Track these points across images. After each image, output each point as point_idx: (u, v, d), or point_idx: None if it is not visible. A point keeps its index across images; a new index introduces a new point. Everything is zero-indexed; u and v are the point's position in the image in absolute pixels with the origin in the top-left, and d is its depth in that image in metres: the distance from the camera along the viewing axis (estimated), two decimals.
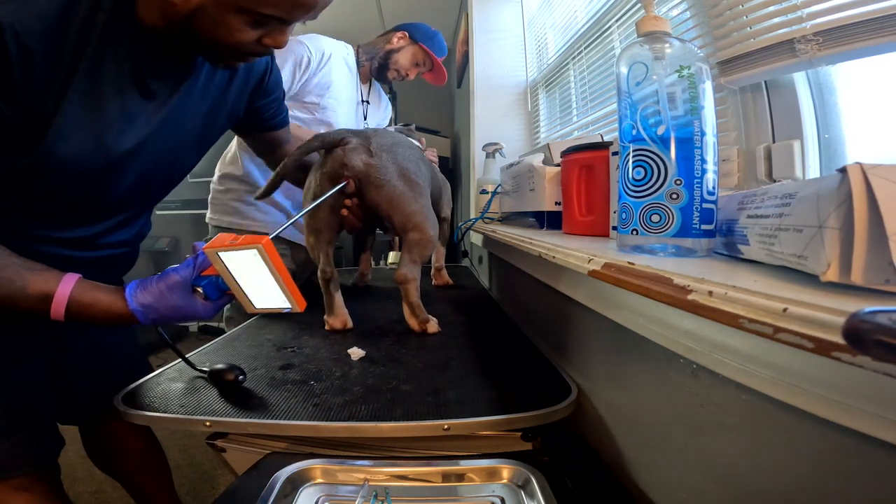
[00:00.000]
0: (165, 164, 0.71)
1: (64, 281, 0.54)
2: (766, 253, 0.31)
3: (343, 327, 0.81)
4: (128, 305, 0.55)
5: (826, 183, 0.25)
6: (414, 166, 0.79)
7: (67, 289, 0.54)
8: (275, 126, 0.89)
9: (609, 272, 0.41)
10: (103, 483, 1.46)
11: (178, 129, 0.69)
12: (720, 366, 0.35)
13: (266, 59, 0.82)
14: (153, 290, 0.56)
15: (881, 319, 0.17)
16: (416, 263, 0.78)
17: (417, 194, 0.78)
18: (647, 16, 0.44)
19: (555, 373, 0.61)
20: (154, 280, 0.57)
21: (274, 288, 0.56)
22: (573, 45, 1.28)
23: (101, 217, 0.70)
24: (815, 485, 0.28)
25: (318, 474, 0.48)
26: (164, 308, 0.56)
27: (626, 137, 0.44)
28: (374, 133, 0.79)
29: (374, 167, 0.74)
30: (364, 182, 0.75)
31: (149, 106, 0.63)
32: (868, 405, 0.24)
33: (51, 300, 0.53)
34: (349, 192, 0.75)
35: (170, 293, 0.56)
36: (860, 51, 0.43)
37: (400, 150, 0.79)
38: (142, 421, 0.51)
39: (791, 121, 0.53)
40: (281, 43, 0.60)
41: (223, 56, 0.62)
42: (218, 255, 0.55)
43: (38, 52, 0.50)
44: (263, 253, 0.53)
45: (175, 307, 0.56)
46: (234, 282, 0.57)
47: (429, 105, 3.25)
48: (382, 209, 0.76)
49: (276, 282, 0.56)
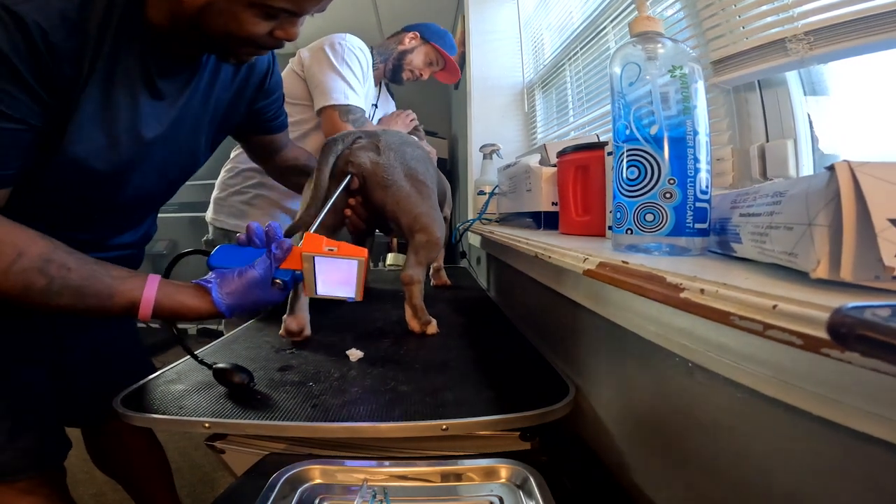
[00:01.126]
0: (174, 164, 0.72)
1: (147, 287, 0.55)
2: (758, 251, 0.32)
3: (300, 330, 0.74)
4: (215, 305, 0.57)
5: (815, 181, 0.25)
6: (422, 167, 0.79)
7: (152, 295, 0.55)
8: (275, 129, 0.90)
9: (604, 271, 0.41)
10: (103, 485, 1.46)
11: (186, 130, 0.70)
12: (715, 364, 0.35)
13: (268, 60, 0.82)
14: (237, 289, 0.58)
15: (864, 315, 0.17)
16: (422, 265, 0.77)
17: (425, 196, 0.77)
18: (640, 16, 0.44)
19: (553, 372, 0.61)
20: (235, 277, 0.58)
21: (349, 284, 0.61)
22: (569, 45, 1.29)
23: (109, 218, 0.70)
24: (810, 482, 0.29)
25: (316, 475, 0.49)
26: (247, 303, 0.59)
27: (620, 137, 0.44)
28: (384, 132, 0.79)
29: (380, 166, 0.74)
30: (370, 181, 0.74)
31: (158, 106, 0.63)
32: (860, 402, 0.24)
33: (138, 308, 0.54)
34: (353, 189, 0.74)
35: (253, 289, 0.58)
36: (850, 50, 0.44)
37: (409, 150, 0.78)
38: (141, 423, 0.51)
39: (784, 120, 0.53)
40: (292, 35, 0.61)
41: (234, 50, 0.62)
42: (313, 259, 0.59)
43: (64, 50, 0.51)
44: (363, 264, 0.60)
45: (257, 301, 0.59)
46: (311, 274, 0.61)
47: (426, 107, 3.24)
48: (388, 210, 0.75)
49: (355, 282, 0.61)
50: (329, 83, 1.16)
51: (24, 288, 0.50)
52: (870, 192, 0.22)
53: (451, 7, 2.49)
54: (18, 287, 0.49)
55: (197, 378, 0.61)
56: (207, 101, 0.72)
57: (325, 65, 1.18)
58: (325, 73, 1.17)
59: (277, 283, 0.60)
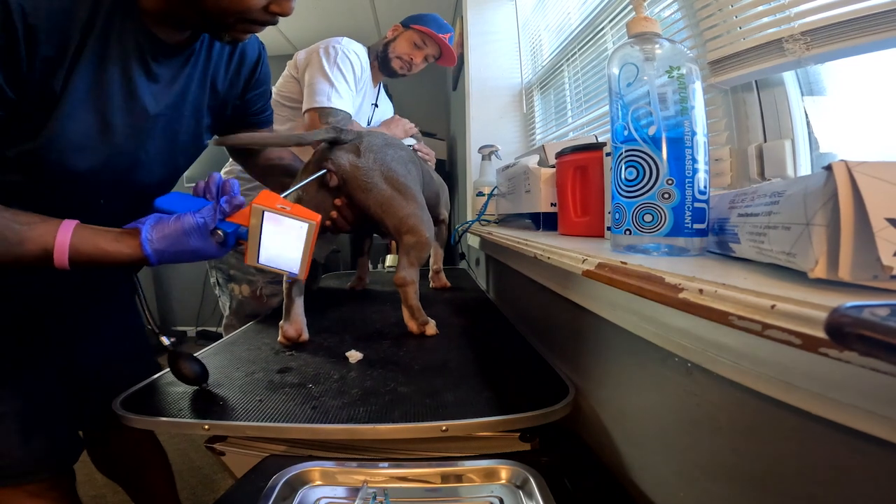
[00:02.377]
0: (182, 150, 0.71)
1: (61, 231, 0.52)
2: (757, 251, 0.32)
3: (297, 336, 0.75)
4: (141, 248, 0.54)
5: (812, 181, 0.26)
6: (402, 168, 0.79)
7: (66, 240, 0.52)
8: (262, 122, 0.89)
9: (602, 272, 0.41)
10: (103, 488, 1.45)
11: (188, 113, 0.70)
12: (714, 364, 0.35)
13: (258, 50, 0.82)
14: (171, 233, 0.56)
15: (863, 314, 0.17)
16: (413, 266, 0.77)
17: (408, 197, 0.77)
18: (638, 17, 0.44)
19: (552, 373, 0.61)
20: (171, 223, 0.56)
21: (293, 254, 0.59)
22: (567, 46, 1.29)
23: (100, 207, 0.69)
24: (809, 481, 0.29)
25: (316, 476, 0.49)
26: (180, 250, 0.56)
27: (619, 138, 0.44)
28: (368, 133, 0.79)
29: (360, 169, 0.74)
30: (350, 183, 0.74)
31: (153, 88, 0.63)
32: (858, 401, 0.24)
33: (52, 255, 0.51)
34: (332, 187, 0.74)
35: (188, 236, 0.56)
36: (847, 49, 0.44)
37: (390, 151, 0.79)
38: (140, 425, 0.51)
39: (781, 120, 0.53)
40: (287, 10, 0.61)
41: (230, 26, 0.61)
42: (263, 213, 0.57)
43: (45, 31, 0.50)
44: (313, 229, 0.58)
45: (191, 251, 0.57)
46: (257, 236, 0.58)
47: (425, 108, 3.26)
48: (373, 212, 0.75)
49: (301, 251, 0.59)
50: (316, 86, 1.21)
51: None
52: (867, 192, 0.22)
53: (450, 8, 2.50)
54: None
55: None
56: (204, 86, 0.72)
57: (315, 68, 1.23)
58: (314, 76, 1.22)
59: (217, 234, 0.57)
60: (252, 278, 1.23)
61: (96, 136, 0.58)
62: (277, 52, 3.32)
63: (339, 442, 0.52)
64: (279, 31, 2.89)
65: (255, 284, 1.24)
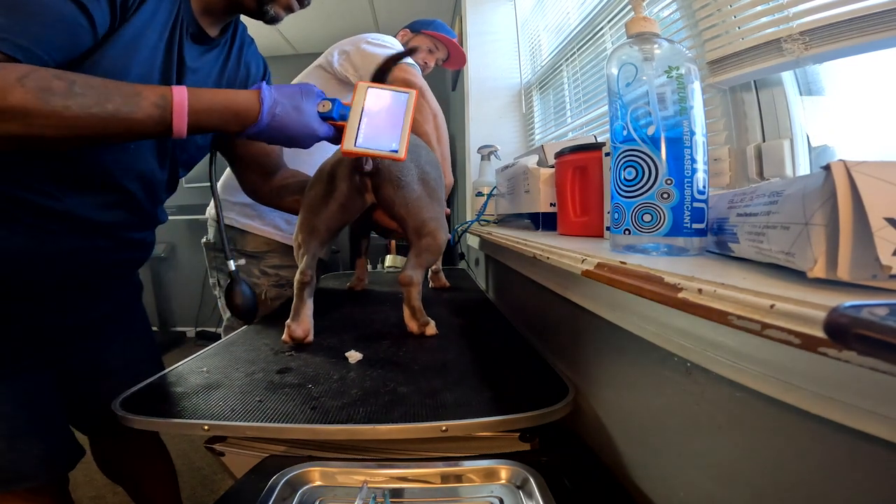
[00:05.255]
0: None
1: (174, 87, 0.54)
2: (756, 250, 0.32)
3: (304, 337, 0.74)
4: (259, 98, 0.58)
5: (811, 180, 0.26)
6: (434, 171, 0.78)
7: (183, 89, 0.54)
8: None
9: (602, 272, 0.41)
10: (103, 489, 1.45)
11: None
12: (713, 363, 0.35)
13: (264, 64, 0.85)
14: (286, 92, 0.60)
15: (861, 313, 0.17)
16: (421, 268, 0.77)
17: (435, 200, 0.76)
18: (637, 17, 0.44)
19: (552, 373, 0.61)
20: (288, 87, 0.61)
21: (394, 131, 0.61)
22: (566, 46, 1.29)
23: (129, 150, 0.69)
24: (809, 481, 0.29)
25: (316, 477, 0.49)
26: (289, 109, 0.60)
27: (618, 138, 0.44)
28: None
29: (397, 163, 0.72)
30: (383, 175, 0.72)
31: (182, 69, 0.66)
32: (858, 400, 0.24)
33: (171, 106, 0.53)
34: (366, 171, 0.72)
35: (301, 96, 0.60)
36: (846, 49, 0.44)
37: (423, 152, 0.78)
38: (140, 426, 0.51)
39: (780, 120, 0.53)
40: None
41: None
42: (367, 89, 0.60)
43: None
44: (413, 98, 0.61)
45: (301, 109, 0.60)
46: (358, 113, 0.61)
47: None
48: (397, 210, 0.74)
49: (402, 126, 0.61)
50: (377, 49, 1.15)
51: (42, 92, 0.46)
52: (866, 192, 0.22)
53: (449, 8, 2.50)
54: (35, 93, 0.46)
55: (196, 380, 0.61)
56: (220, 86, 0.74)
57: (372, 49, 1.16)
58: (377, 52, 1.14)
59: (325, 104, 0.62)
60: (257, 281, 1.19)
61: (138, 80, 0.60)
62: (277, 53, 3.33)
63: (339, 442, 0.52)
64: (279, 31, 2.89)
65: (259, 288, 1.18)
